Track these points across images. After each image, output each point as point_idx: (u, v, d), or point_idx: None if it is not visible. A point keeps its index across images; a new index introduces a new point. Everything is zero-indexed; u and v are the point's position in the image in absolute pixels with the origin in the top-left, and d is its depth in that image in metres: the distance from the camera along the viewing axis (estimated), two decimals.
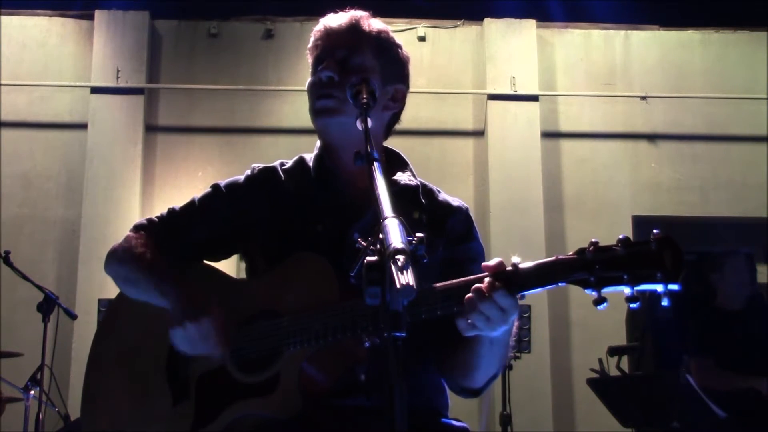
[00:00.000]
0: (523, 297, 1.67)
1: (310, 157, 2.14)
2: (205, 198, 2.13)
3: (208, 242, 2.10)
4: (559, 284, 1.64)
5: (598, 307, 1.59)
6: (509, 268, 1.68)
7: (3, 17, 7.18)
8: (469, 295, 1.67)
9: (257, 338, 1.90)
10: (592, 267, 1.59)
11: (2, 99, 7.01)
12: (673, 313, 5.65)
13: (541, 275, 1.65)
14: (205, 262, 2.13)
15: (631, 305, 1.58)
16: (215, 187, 2.14)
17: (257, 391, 1.85)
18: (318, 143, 2.13)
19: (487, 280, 1.68)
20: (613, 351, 5.45)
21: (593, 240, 1.62)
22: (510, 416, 5.39)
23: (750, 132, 7.33)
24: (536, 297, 6.49)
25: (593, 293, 1.59)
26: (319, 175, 2.07)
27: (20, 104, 7.11)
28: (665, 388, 4.42)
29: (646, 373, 5.44)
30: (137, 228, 2.13)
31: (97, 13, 7.22)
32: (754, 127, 7.30)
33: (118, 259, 2.10)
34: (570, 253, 1.65)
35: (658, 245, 1.55)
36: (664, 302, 1.55)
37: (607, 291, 1.58)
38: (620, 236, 1.60)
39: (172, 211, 2.14)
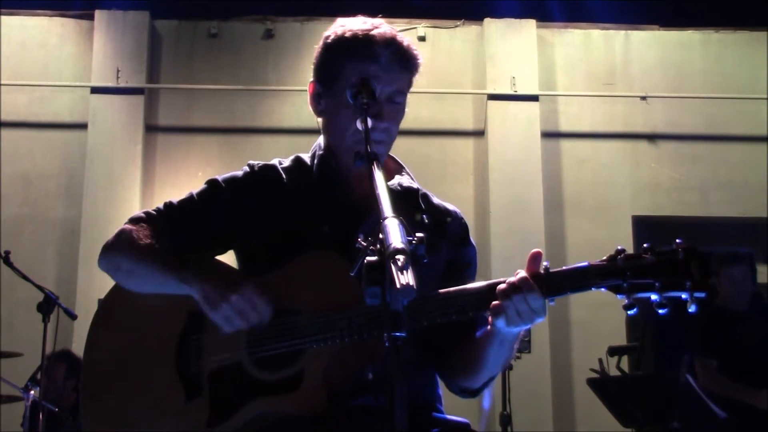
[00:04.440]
0: (552, 301, 1.71)
1: (307, 157, 2.12)
2: (203, 193, 2.11)
3: (204, 237, 2.08)
4: (593, 289, 1.71)
5: (629, 313, 1.68)
6: (542, 271, 1.74)
7: (3, 17, 7.18)
8: (504, 287, 1.73)
9: (275, 336, 1.88)
10: (624, 274, 1.67)
11: (2, 99, 7.01)
12: (673, 313, 5.65)
13: (576, 280, 1.72)
14: (214, 257, 2.10)
15: (660, 311, 1.66)
16: (213, 181, 2.12)
17: (279, 388, 1.84)
18: (318, 143, 2.12)
19: (523, 276, 1.74)
20: (613, 351, 5.45)
21: (619, 248, 1.69)
22: (510, 416, 5.39)
23: (750, 132, 7.33)
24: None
25: (625, 299, 1.67)
26: (323, 175, 2.06)
27: (20, 104, 7.11)
28: (665, 388, 4.43)
29: (646, 373, 5.45)
30: (135, 220, 2.09)
31: (97, 13, 7.22)
32: (754, 127, 7.30)
33: (119, 251, 2.05)
34: (601, 260, 1.71)
35: (685, 255, 1.63)
36: (691, 308, 1.64)
37: (637, 297, 1.67)
38: (645, 245, 1.67)
39: (169, 205, 2.11)
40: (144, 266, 2.00)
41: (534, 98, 7.25)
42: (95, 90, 7.09)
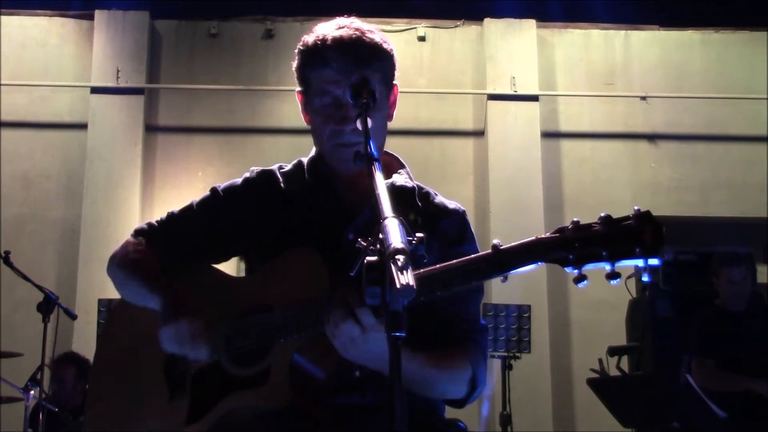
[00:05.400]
0: (505, 278, 1.66)
1: (307, 161, 2.15)
2: (203, 202, 2.15)
3: (206, 245, 2.12)
4: (539, 263, 1.63)
5: (579, 285, 1.58)
6: (489, 250, 1.67)
7: (3, 17, 7.18)
8: (338, 310, 1.68)
9: (250, 332, 1.92)
10: (572, 245, 1.59)
11: (2, 99, 7.01)
12: (673, 313, 5.65)
13: (522, 255, 1.64)
14: (203, 263, 2.15)
15: (612, 281, 1.57)
16: (213, 190, 2.15)
17: (250, 383, 1.87)
18: (313, 149, 2.14)
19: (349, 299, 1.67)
20: (613, 351, 5.45)
21: (574, 219, 1.62)
22: (510, 416, 5.39)
23: (750, 132, 7.34)
24: (536, 297, 6.49)
25: (573, 271, 1.59)
26: (314, 178, 2.09)
27: (20, 104, 7.11)
28: (665, 388, 4.42)
29: (646, 373, 5.44)
30: (137, 233, 2.17)
31: (97, 13, 7.23)
32: (754, 127, 7.30)
33: (117, 264, 2.14)
34: (550, 233, 1.64)
35: (637, 221, 1.56)
36: (645, 278, 1.56)
37: (587, 268, 1.58)
38: (601, 214, 1.60)
39: (171, 215, 2.17)
40: (132, 279, 2.09)
41: (534, 98, 7.26)
42: (95, 90, 7.10)
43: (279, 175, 2.13)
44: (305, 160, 2.15)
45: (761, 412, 4.59)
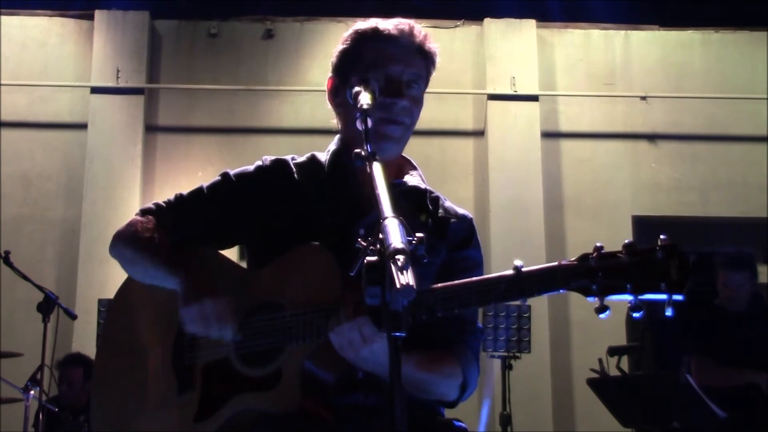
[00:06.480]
0: (524, 301, 1.66)
1: (321, 155, 2.12)
2: (213, 186, 2.12)
3: (212, 230, 2.09)
4: (560, 291, 1.62)
5: (600, 316, 1.55)
6: (511, 271, 1.64)
7: (3, 17, 7.18)
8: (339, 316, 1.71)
9: (260, 331, 1.89)
10: (595, 274, 1.56)
11: (2, 99, 7.01)
12: (673, 313, 5.64)
13: (542, 281, 1.62)
14: (211, 248, 2.11)
15: (634, 314, 1.53)
16: (225, 175, 2.13)
17: (259, 385, 1.85)
18: (336, 139, 2.12)
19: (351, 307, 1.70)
20: (613, 351, 5.44)
21: (597, 245, 1.57)
22: (510, 416, 5.39)
23: (750, 132, 7.33)
24: (536, 297, 6.48)
25: (595, 301, 1.56)
26: (333, 170, 2.06)
27: (20, 104, 7.11)
28: (665, 388, 4.42)
29: (646, 373, 5.44)
30: (144, 212, 2.12)
31: (97, 13, 7.23)
32: (754, 127, 7.30)
33: (124, 241, 2.08)
34: (573, 259, 1.60)
35: (664, 253, 1.52)
36: (668, 312, 1.52)
37: (609, 299, 1.55)
38: (626, 241, 1.56)
39: (179, 197, 2.13)
40: (142, 257, 2.04)
41: (534, 98, 7.25)
42: (95, 90, 7.10)
43: (292, 166, 2.10)
44: (318, 154, 2.12)
45: (762, 405, 4.58)
